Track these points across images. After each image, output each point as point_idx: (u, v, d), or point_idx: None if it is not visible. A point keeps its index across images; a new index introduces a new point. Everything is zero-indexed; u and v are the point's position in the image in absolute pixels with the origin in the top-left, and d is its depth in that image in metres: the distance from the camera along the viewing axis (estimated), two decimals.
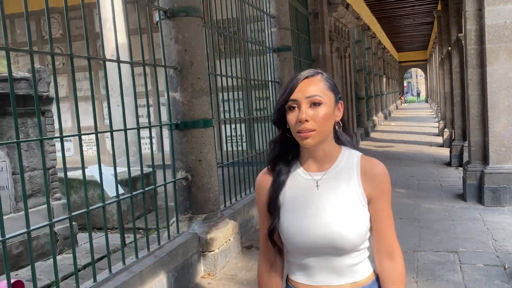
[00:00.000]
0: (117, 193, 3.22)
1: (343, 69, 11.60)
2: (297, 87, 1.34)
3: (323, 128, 1.33)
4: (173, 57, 3.79)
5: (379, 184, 1.36)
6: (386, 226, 1.38)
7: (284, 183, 1.42)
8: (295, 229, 1.37)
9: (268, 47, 6.60)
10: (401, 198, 6.38)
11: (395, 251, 1.39)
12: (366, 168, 1.37)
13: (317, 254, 1.36)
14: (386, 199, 1.38)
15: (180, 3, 3.74)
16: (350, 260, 1.37)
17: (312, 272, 1.39)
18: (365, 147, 12.41)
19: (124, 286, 2.86)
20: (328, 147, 1.39)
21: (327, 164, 1.40)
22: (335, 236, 1.32)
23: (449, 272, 3.74)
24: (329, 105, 1.34)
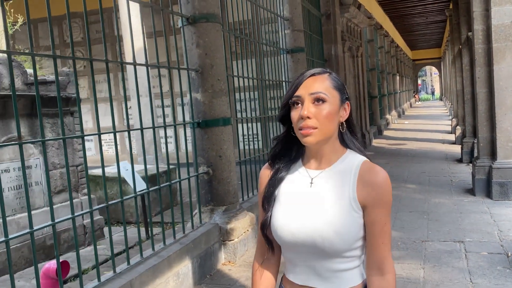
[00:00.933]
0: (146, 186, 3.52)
1: (356, 68, 11.82)
2: (302, 84, 1.32)
3: (326, 127, 1.30)
4: (194, 60, 4.09)
5: (376, 193, 1.30)
6: (379, 238, 1.30)
7: (281, 180, 1.41)
8: (281, 223, 1.36)
9: (282, 48, 6.87)
10: (412, 193, 6.61)
11: (386, 267, 1.32)
12: (365, 174, 1.32)
13: (301, 252, 1.35)
14: (383, 210, 1.31)
15: (201, 10, 4.04)
16: (332, 265, 1.32)
17: (298, 270, 1.38)
18: (378, 145, 12.62)
19: (154, 269, 3.17)
20: (331, 147, 1.36)
21: (326, 164, 1.38)
22: (316, 237, 1.30)
23: (454, 259, 3.98)
24: (334, 104, 1.31)
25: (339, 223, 1.29)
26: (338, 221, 1.29)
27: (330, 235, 1.28)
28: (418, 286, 3.49)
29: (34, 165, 4.93)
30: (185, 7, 4.04)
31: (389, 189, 1.32)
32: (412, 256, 4.12)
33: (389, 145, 12.44)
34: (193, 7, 4.03)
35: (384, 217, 1.30)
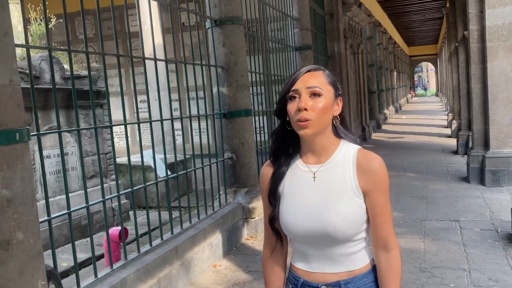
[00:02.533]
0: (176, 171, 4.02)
1: (356, 64, 12.33)
2: (299, 79, 1.40)
3: (321, 119, 1.38)
4: (221, 58, 4.59)
5: (374, 178, 1.39)
6: (381, 218, 1.40)
7: (284, 175, 1.48)
8: (292, 218, 1.43)
9: (291, 46, 7.36)
10: (411, 181, 7.14)
11: (390, 243, 1.43)
12: (362, 161, 1.41)
13: (312, 243, 1.43)
14: (382, 192, 1.40)
15: (227, 13, 4.53)
16: (344, 250, 1.42)
17: (309, 259, 1.46)
18: (377, 138, 13.16)
19: (193, 239, 3.68)
20: (326, 140, 1.44)
21: (325, 157, 1.44)
22: (328, 226, 1.38)
23: (450, 234, 4.51)
24: (328, 98, 1.39)
25: (347, 211, 1.39)
26: (346, 209, 1.39)
27: (341, 224, 1.37)
28: (419, 255, 4.02)
29: (70, 152, 5.43)
30: (213, 10, 4.53)
31: (385, 173, 1.41)
32: (413, 232, 4.65)
33: (388, 138, 12.99)
34: (220, 10, 4.53)
35: (383, 198, 1.41)
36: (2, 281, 2.00)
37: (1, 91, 2.02)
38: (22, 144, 2.11)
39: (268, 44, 6.47)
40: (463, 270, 3.65)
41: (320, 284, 1.44)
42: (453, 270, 3.65)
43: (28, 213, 2.12)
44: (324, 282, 1.44)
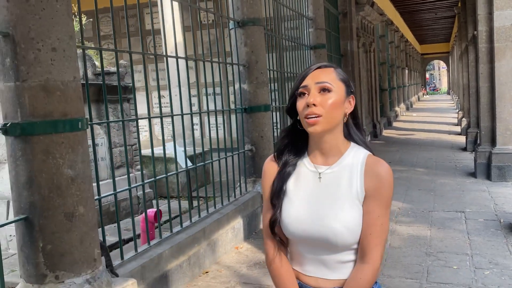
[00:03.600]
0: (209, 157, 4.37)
1: (368, 63, 12.60)
2: (309, 75, 1.37)
3: (331, 115, 1.33)
4: (243, 57, 4.92)
5: (376, 184, 1.34)
6: (367, 229, 1.33)
7: (289, 175, 1.43)
8: (292, 218, 1.38)
9: (306, 44, 7.68)
10: (420, 175, 7.44)
11: (368, 257, 1.34)
12: (370, 166, 1.36)
13: (310, 246, 1.38)
14: (379, 202, 1.34)
15: (249, 15, 4.86)
16: (341, 257, 1.37)
17: (305, 262, 1.42)
18: (388, 135, 13.43)
19: (218, 222, 4.03)
20: (335, 140, 1.38)
21: (333, 158, 1.39)
22: (329, 232, 1.33)
23: (456, 224, 4.82)
24: (339, 94, 1.35)
25: (350, 218, 1.33)
26: (349, 217, 1.33)
27: (342, 231, 1.32)
28: (426, 241, 4.33)
29: (100, 143, 5.81)
30: (236, 13, 4.87)
31: (390, 183, 1.35)
32: (420, 222, 4.96)
33: (399, 135, 13.25)
34: (242, 13, 4.86)
35: (378, 209, 1.34)
36: (67, 247, 2.36)
37: (67, 86, 2.38)
38: (82, 132, 2.48)
39: (282, 43, 6.77)
40: (466, 254, 3.96)
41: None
42: (456, 255, 3.97)
43: (87, 190, 2.49)
44: (318, 287, 1.41)
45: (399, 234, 4.58)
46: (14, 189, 2.35)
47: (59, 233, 2.34)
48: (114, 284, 2.61)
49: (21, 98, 2.26)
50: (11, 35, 2.24)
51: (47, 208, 2.31)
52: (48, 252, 2.32)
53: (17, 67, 2.25)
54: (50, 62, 2.30)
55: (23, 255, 2.36)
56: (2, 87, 2.30)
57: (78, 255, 2.40)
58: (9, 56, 2.25)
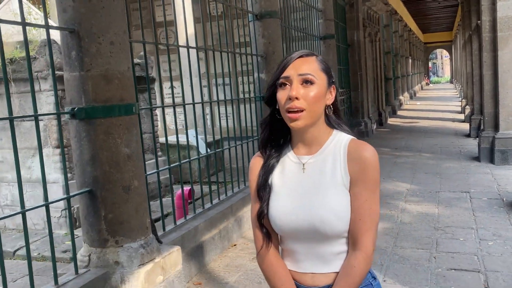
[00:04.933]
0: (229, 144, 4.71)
1: (374, 52, 12.88)
2: (290, 64, 1.32)
3: (313, 109, 1.30)
4: (260, 48, 5.24)
5: (361, 167, 1.30)
6: (356, 214, 1.30)
7: (274, 167, 1.40)
8: (279, 212, 1.35)
9: (315, 35, 7.98)
10: (426, 160, 7.77)
11: (359, 243, 1.31)
12: (353, 150, 1.32)
13: (301, 239, 1.35)
14: (365, 186, 1.30)
15: (266, 8, 5.17)
16: (334, 248, 1.34)
17: (298, 258, 1.38)
18: (393, 123, 13.74)
19: (243, 200, 4.39)
20: (317, 130, 1.35)
21: (315, 147, 1.36)
22: (316, 220, 1.30)
23: (461, 202, 5.16)
24: (321, 86, 1.31)
25: (336, 204, 1.30)
26: (335, 202, 1.30)
27: (329, 218, 1.29)
28: (434, 217, 4.68)
29: None
30: (254, 6, 5.17)
31: (375, 165, 1.31)
32: (428, 201, 5.30)
33: (403, 123, 13.56)
34: (260, 6, 5.17)
35: (365, 193, 1.30)
36: (125, 216, 2.71)
37: (123, 75, 2.72)
38: (135, 115, 2.82)
39: (292, 33, 7.07)
40: (471, 228, 4.31)
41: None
42: (462, 229, 4.31)
43: (140, 167, 2.84)
44: (314, 286, 1.37)
45: (409, 212, 4.93)
46: (78, 165, 2.70)
47: (118, 204, 2.69)
48: (163, 250, 2.96)
49: (85, 86, 2.60)
50: (76, 31, 2.57)
51: (107, 181, 2.66)
52: (109, 220, 2.68)
53: (81, 59, 2.59)
54: (109, 54, 2.64)
55: (87, 223, 2.72)
56: (68, 76, 2.63)
57: (134, 223, 2.75)
58: (75, 49, 2.59)
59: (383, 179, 6.46)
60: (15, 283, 3.91)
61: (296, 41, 7.04)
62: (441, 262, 3.58)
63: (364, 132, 10.68)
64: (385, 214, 4.85)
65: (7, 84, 2.37)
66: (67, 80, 2.65)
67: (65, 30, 2.59)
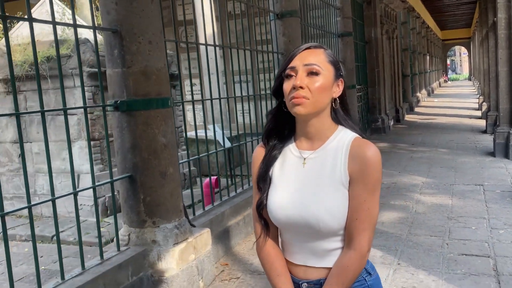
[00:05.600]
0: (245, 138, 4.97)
1: (391, 49, 13.02)
2: (296, 55, 1.32)
3: (317, 99, 1.29)
4: (281, 46, 5.48)
5: (361, 167, 1.28)
6: (354, 214, 1.29)
7: (275, 159, 1.40)
8: (276, 205, 1.36)
9: (334, 33, 8.19)
10: (442, 155, 7.94)
11: (354, 243, 1.30)
12: (355, 148, 1.30)
13: (296, 233, 1.36)
14: (365, 186, 1.28)
15: (286, 8, 5.41)
16: (328, 244, 1.34)
17: (293, 251, 1.40)
18: (410, 119, 13.86)
19: None
20: (321, 124, 1.34)
21: (318, 143, 1.35)
22: (310, 217, 1.29)
23: (475, 194, 5.34)
24: (327, 78, 1.30)
25: (332, 203, 1.29)
26: (331, 201, 1.29)
27: (324, 216, 1.28)
28: (447, 208, 4.88)
29: None
30: (275, 5, 5.42)
31: (376, 166, 1.29)
32: (443, 193, 5.50)
33: (421, 119, 13.68)
34: (281, 5, 5.41)
35: (364, 193, 1.28)
36: (161, 199, 2.99)
37: (160, 71, 3.00)
38: (170, 108, 3.10)
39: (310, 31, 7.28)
40: (483, 218, 4.50)
41: (302, 281, 1.39)
42: (475, 218, 4.51)
43: (175, 155, 3.11)
44: (306, 279, 1.39)
45: (424, 203, 5.13)
46: (120, 153, 2.98)
47: (155, 188, 2.97)
48: (194, 232, 3.24)
49: (126, 81, 2.88)
50: (119, 31, 2.85)
51: (146, 168, 2.95)
52: (147, 203, 2.96)
53: (123, 56, 2.87)
54: (148, 52, 2.92)
55: (127, 205, 3.00)
56: (111, 72, 2.92)
57: (169, 206, 3.03)
58: (117, 48, 2.87)
59: (399, 173, 6.67)
60: (55, 264, 4.23)
61: (314, 39, 7.26)
62: (453, 248, 3.79)
63: (381, 128, 10.85)
64: (400, 205, 5.07)
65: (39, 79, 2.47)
66: (110, 76, 2.94)
67: (109, 31, 2.88)
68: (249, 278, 3.44)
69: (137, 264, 2.85)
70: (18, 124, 2.35)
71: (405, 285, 3.20)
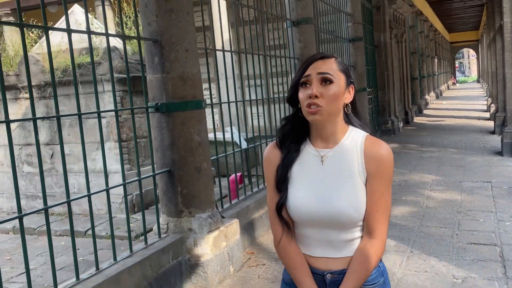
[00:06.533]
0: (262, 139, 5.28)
1: (400, 53, 13.31)
2: (311, 65, 1.41)
3: (331, 106, 1.38)
4: (297, 51, 5.81)
5: (378, 164, 1.40)
6: (373, 206, 1.39)
7: (294, 161, 1.47)
8: (298, 202, 1.43)
9: (345, 38, 8.50)
10: (450, 155, 8.21)
11: (375, 232, 1.41)
12: (369, 147, 1.41)
13: (317, 227, 1.43)
14: (382, 182, 1.40)
15: (302, 15, 5.74)
16: (348, 235, 1.43)
17: (312, 244, 1.47)
18: (419, 121, 14.11)
19: None
20: (335, 126, 1.44)
21: (333, 143, 1.45)
22: (334, 211, 1.38)
23: (483, 190, 5.62)
24: (339, 85, 1.40)
25: (353, 196, 1.39)
26: (352, 194, 1.39)
27: (346, 209, 1.39)
28: (457, 203, 5.17)
29: None
30: (292, 13, 5.75)
31: (389, 162, 1.41)
32: (452, 189, 5.78)
33: (429, 121, 13.93)
34: (297, 13, 5.74)
35: (382, 187, 1.40)
36: (196, 191, 3.32)
37: (195, 76, 3.33)
38: (203, 110, 3.43)
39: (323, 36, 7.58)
40: (491, 212, 4.78)
41: (326, 272, 1.46)
42: (483, 212, 4.79)
43: (207, 152, 3.44)
44: (329, 270, 1.46)
45: (434, 198, 5.42)
46: (159, 150, 3.32)
47: (191, 181, 3.30)
48: (225, 222, 3.56)
49: (165, 85, 3.21)
50: (159, 41, 3.19)
51: (183, 163, 3.28)
52: (184, 195, 3.29)
53: (163, 63, 3.21)
54: (184, 59, 3.26)
55: (166, 197, 3.33)
56: (152, 78, 3.26)
57: (203, 198, 3.36)
58: (157, 56, 3.21)
59: (409, 171, 6.95)
60: (91, 255, 4.57)
61: (327, 43, 7.57)
62: (462, 238, 4.08)
63: (391, 130, 11.13)
64: (411, 200, 5.36)
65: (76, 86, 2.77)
66: (151, 81, 3.27)
67: (150, 40, 3.22)
68: (274, 265, 3.75)
69: (176, 249, 3.18)
70: (59, 128, 2.57)
71: (418, 269, 3.50)
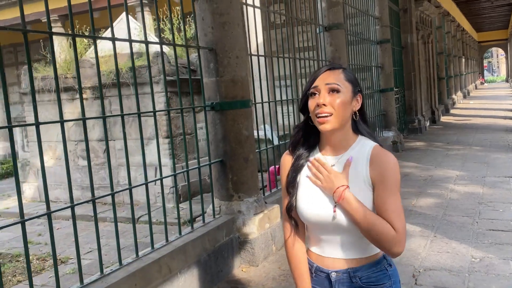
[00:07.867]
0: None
1: (427, 53, 13.59)
2: (319, 76, 1.48)
3: (339, 114, 1.44)
4: (328, 54, 6.27)
5: (383, 172, 1.44)
6: (383, 206, 1.43)
7: (303, 167, 1.55)
8: (307, 206, 1.52)
9: (373, 40, 8.90)
10: (475, 152, 8.53)
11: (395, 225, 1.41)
12: (375, 156, 1.47)
13: (325, 229, 1.51)
14: (387, 186, 1.43)
15: (333, 21, 6.20)
16: (353, 238, 1.49)
17: (322, 244, 1.55)
18: (445, 120, 14.36)
19: None
20: (344, 135, 1.50)
21: (342, 150, 1.51)
22: (339, 214, 1.45)
23: (504, 185, 5.98)
24: (346, 94, 1.46)
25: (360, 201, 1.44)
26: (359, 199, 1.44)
27: None
28: (478, 195, 5.55)
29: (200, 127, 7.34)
30: (323, 19, 6.22)
31: (394, 170, 1.45)
32: (474, 184, 6.15)
33: (456, 120, 14.16)
34: (328, 19, 6.21)
35: (387, 190, 1.44)
36: (244, 178, 3.83)
37: (244, 79, 3.84)
38: (250, 108, 3.93)
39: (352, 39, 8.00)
40: (510, 203, 5.16)
41: (331, 271, 1.53)
42: (503, 203, 5.17)
43: (254, 145, 3.95)
44: (334, 269, 1.53)
45: (457, 191, 5.81)
46: (213, 143, 3.84)
47: (240, 170, 3.81)
48: (267, 206, 4.06)
49: (219, 87, 3.73)
50: (214, 49, 3.71)
51: (233, 154, 3.79)
52: (234, 182, 3.80)
53: (217, 69, 3.73)
54: (235, 65, 3.77)
55: (218, 184, 3.85)
56: (207, 81, 3.78)
57: (250, 184, 3.87)
58: (212, 62, 3.73)
59: (435, 167, 7.33)
60: (147, 238, 5.13)
61: (355, 45, 7.99)
62: (482, 225, 4.48)
63: (418, 129, 11.46)
64: (436, 193, 5.76)
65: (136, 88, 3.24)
66: (206, 84, 3.80)
67: (206, 49, 3.74)
68: None
69: (228, 227, 3.69)
70: (104, 127, 3.14)
71: (440, 250, 3.93)
